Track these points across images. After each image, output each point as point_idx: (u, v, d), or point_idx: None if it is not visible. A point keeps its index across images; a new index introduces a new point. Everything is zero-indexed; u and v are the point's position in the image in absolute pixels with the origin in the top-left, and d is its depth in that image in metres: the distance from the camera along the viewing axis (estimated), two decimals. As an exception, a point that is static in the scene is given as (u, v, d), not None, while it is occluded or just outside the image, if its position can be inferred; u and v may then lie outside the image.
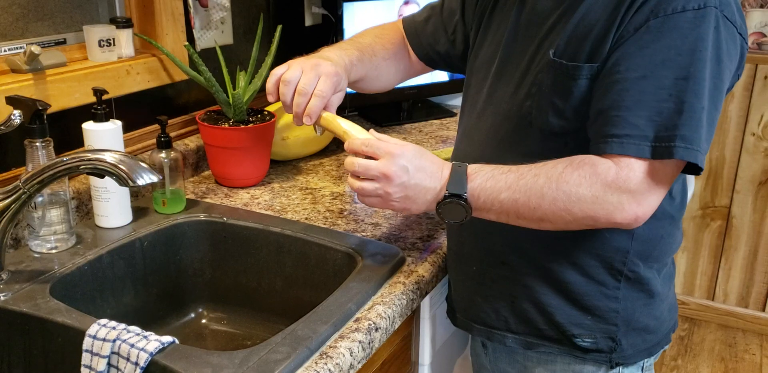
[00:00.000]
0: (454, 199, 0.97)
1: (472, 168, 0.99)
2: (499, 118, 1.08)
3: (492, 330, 1.15)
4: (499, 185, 0.96)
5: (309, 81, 1.10)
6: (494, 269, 1.12)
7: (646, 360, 1.14)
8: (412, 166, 0.98)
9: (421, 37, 1.30)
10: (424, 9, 1.34)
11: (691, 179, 2.47)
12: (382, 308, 1.06)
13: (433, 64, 1.33)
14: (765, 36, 2.36)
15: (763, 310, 2.75)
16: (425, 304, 1.23)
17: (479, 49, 1.18)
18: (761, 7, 2.37)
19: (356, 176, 1.01)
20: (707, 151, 0.93)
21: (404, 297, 1.10)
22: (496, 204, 0.97)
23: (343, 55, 1.21)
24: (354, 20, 1.84)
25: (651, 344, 1.13)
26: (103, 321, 0.94)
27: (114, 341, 0.91)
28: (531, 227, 0.99)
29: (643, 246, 1.06)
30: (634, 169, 0.91)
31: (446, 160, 1.05)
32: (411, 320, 1.22)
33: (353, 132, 1.07)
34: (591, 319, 1.08)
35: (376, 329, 1.02)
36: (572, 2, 1.01)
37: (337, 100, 1.15)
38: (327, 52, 1.21)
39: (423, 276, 1.16)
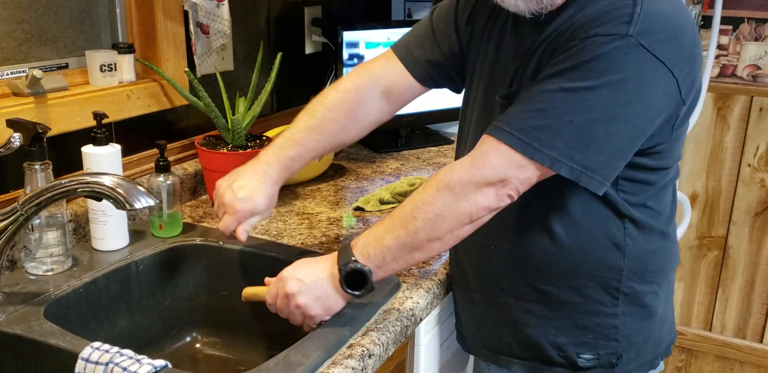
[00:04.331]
0: (345, 267, 1.00)
1: (358, 237, 1.02)
2: None
3: (499, 355, 1.18)
4: (379, 232, 1.00)
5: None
6: (495, 297, 1.15)
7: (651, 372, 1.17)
8: (300, 273, 1.03)
9: (414, 54, 1.25)
10: (412, 29, 1.29)
11: (687, 209, 2.48)
12: (376, 335, 1.05)
13: (425, 80, 1.26)
14: (760, 68, 2.38)
15: (761, 341, 2.74)
16: (420, 331, 1.22)
17: (470, 82, 1.20)
18: (756, 40, 2.41)
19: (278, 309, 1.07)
20: (582, 162, 0.93)
21: (399, 324, 1.10)
22: (386, 251, 0.99)
23: (272, 168, 1.20)
24: (353, 48, 1.87)
25: (653, 356, 1.15)
26: (96, 344, 0.94)
27: (107, 364, 0.91)
28: (435, 253, 1.00)
29: (636, 262, 1.08)
30: (490, 150, 0.94)
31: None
32: (405, 347, 1.22)
33: None
34: (592, 337, 1.10)
35: (370, 356, 1.02)
36: (528, 47, 1.04)
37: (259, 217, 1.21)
38: (256, 168, 1.20)
39: (418, 303, 1.16)
